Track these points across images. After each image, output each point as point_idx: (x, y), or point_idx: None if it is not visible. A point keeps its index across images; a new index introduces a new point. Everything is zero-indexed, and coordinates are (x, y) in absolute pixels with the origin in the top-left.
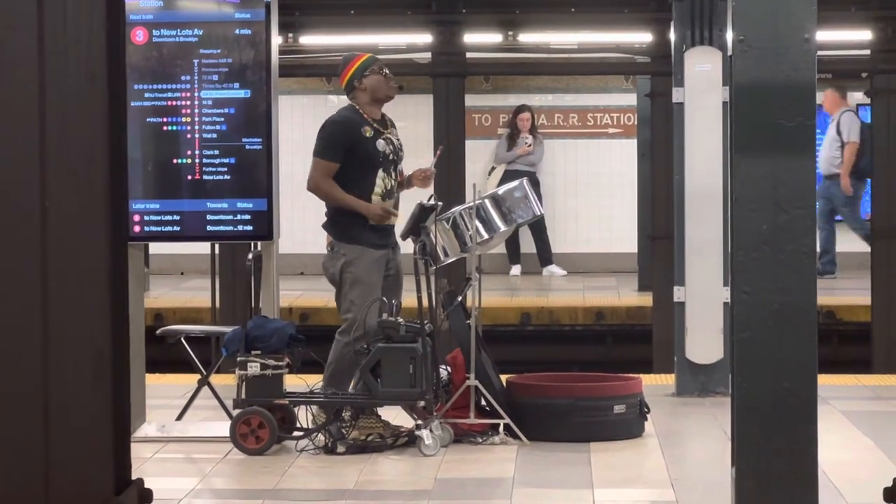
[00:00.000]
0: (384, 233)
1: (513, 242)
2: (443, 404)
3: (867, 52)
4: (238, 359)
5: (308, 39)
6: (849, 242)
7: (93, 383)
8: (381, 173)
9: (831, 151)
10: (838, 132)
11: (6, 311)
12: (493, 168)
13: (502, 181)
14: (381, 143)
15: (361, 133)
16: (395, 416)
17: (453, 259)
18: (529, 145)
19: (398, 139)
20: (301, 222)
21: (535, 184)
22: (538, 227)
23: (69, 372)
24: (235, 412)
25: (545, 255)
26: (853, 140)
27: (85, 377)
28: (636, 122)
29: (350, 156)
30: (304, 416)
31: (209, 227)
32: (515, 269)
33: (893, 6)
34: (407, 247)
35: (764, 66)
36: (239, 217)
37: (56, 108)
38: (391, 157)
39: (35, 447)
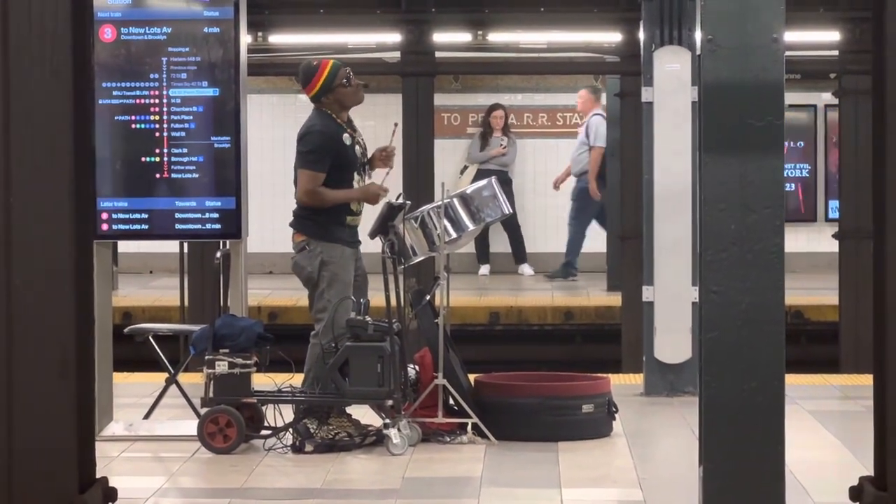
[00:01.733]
0: (353, 231)
1: (482, 242)
2: (411, 403)
3: (835, 52)
4: (206, 357)
5: (277, 38)
6: (817, 242)
7: (57, 381)
8: (356, 176)
9: (578, 154)
10: (587, 135)
11: None
12: (465, 167)
13: (474, 180)
14: (357, 148)
15: (342, 141)
16: (363, 414)
17: (422, 258)
18: (503, 146)
19: (363, 138)
20: (270, 221)
21: (507, 183)
22: (512, 226)
23: (33, 369)
24: (203, 411)
25: (520, 254)
26: (599, 145)
27: (49, 374)
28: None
29: (333, 164)
30: (272, 415)
31: (178, 226)
32: (484, 269)
33: (861, 7)
34: (374, 246)
35: (732, 66)
36: (207, 215)
37: (20, 103)
38: (362, 158)
39: None
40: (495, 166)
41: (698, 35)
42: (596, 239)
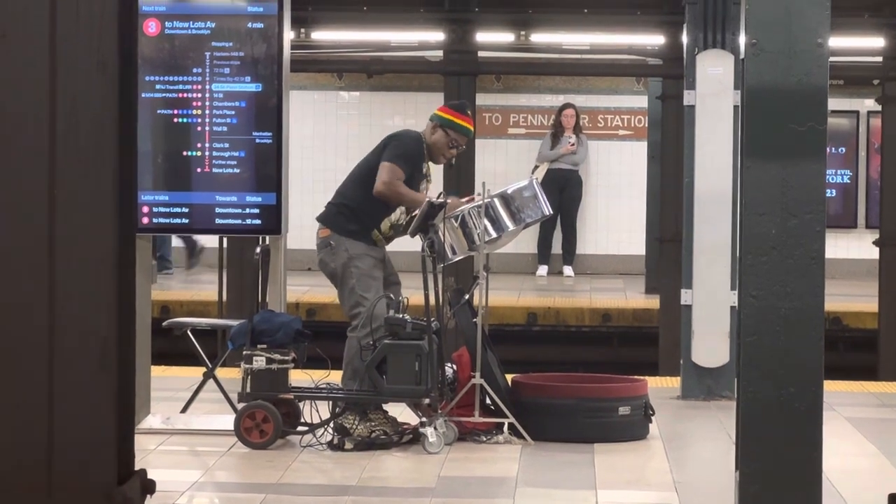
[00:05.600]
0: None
1: (544, 243)
2: (448, 402)
3: (879, 59)
4: (244, 352)
5: (320, 35)
6: (857, 250)
7: (97, 372)
8: (402, 208)
9: None
10: None
11: (12, 297)
12: (536, 166)
13: (545, 180)
14: (423, 184)
15: (421, 166)
16: (399, 412)
17: (461, 257)
18: (573, 144)
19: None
20: (310, 218)
21: (578, 183)
22: (569, 226)
23: (74, 360)
24: (240, 406)
25: (569, 256)
26: None
27: (90, 366)
28: (647, 125)
29: (407, 176)
30: (309, 412)
31: (217, 220)
32: (542, 270)
33: None
34: (415, 244)
35: (776, 70)
36: (248, 211)
37: (65, 94)
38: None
39: (38, 434)
40: (566, 165)
41: (742, 39)
42: (635, 241)
